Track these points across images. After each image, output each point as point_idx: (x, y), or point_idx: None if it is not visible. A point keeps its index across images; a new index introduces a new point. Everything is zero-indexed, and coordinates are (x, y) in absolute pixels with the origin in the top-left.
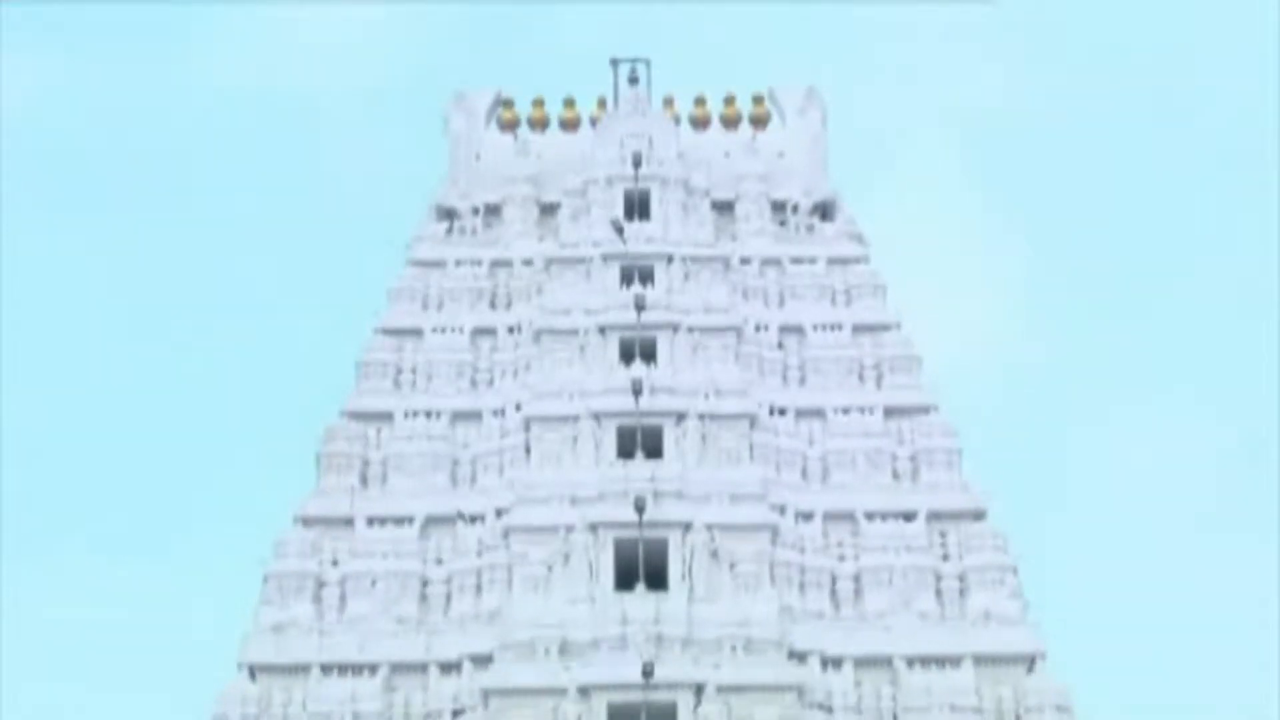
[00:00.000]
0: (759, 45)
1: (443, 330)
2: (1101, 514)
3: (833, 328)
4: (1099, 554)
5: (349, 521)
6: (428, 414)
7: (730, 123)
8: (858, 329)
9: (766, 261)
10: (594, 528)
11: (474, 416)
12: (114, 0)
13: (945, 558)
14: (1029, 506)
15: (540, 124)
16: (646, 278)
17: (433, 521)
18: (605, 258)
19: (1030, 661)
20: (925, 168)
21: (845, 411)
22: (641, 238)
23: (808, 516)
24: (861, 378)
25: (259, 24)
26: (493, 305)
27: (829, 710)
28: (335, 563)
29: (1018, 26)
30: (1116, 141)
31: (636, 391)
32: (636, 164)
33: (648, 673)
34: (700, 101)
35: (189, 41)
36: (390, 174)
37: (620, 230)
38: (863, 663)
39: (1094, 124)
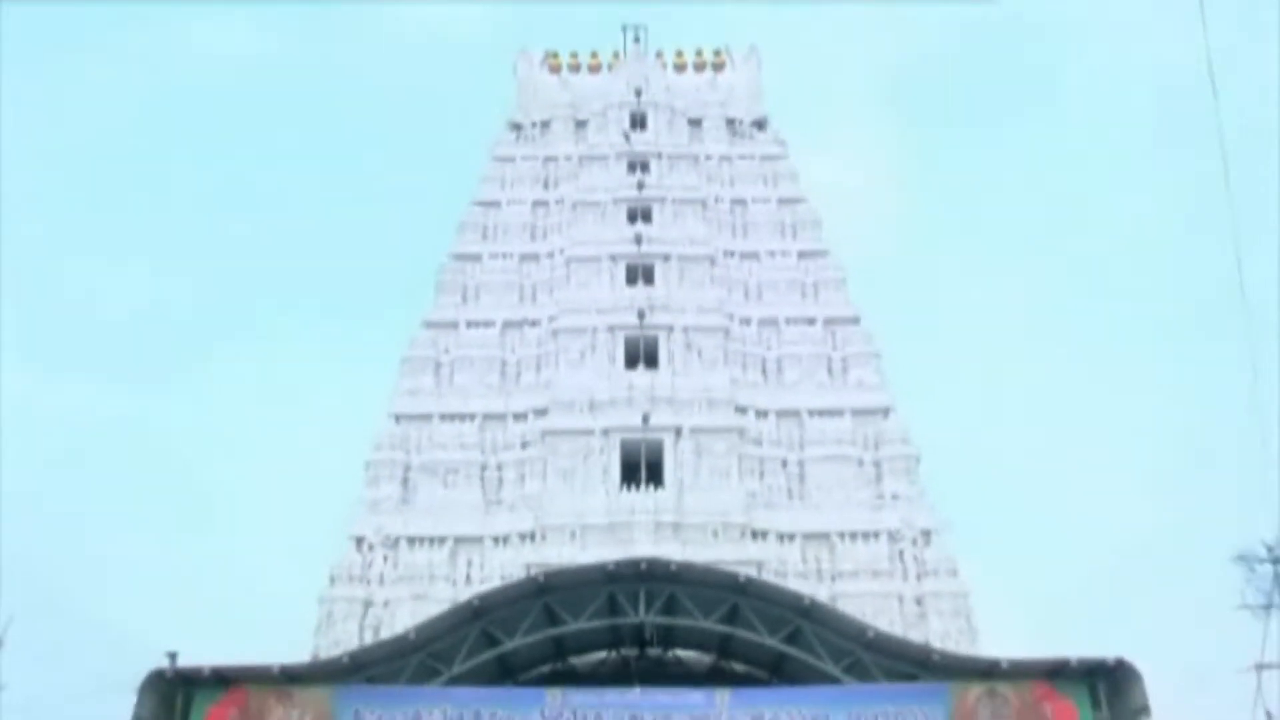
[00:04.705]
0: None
1: (512, 202)
2: (942, 317)
3: (764, 200)
4: (939, 341)
5: (455, 325)
6: (504, 255)
7: (700, 68)
8: (780, 201)
9: (722, 158)
10: (611, 329)
11: (534, 258)
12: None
13: (834, 347)
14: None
15: (575, 68)
16: (645, 168)
17: (509, 325)
18: (617, 155)
19: (885, 412)
20: (838, 99)
21: (773, 255)
22: (641, 142)
23: (747, 321)
24: (783, 233)
25: (406, 15)
26: (545, 186)
27: (759, 444)
28: (447, 350)
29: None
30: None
31: (638, 241)
32: (638, 94)
33: (645, 420)
34: (680, 54)
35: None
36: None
37: (627, 137)
38: (781, 414)
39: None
